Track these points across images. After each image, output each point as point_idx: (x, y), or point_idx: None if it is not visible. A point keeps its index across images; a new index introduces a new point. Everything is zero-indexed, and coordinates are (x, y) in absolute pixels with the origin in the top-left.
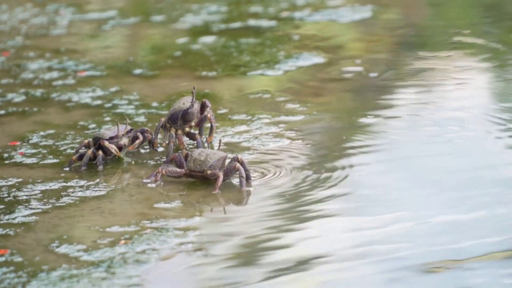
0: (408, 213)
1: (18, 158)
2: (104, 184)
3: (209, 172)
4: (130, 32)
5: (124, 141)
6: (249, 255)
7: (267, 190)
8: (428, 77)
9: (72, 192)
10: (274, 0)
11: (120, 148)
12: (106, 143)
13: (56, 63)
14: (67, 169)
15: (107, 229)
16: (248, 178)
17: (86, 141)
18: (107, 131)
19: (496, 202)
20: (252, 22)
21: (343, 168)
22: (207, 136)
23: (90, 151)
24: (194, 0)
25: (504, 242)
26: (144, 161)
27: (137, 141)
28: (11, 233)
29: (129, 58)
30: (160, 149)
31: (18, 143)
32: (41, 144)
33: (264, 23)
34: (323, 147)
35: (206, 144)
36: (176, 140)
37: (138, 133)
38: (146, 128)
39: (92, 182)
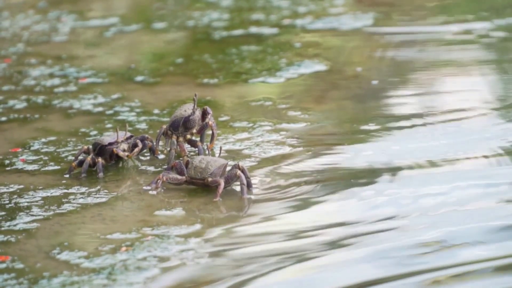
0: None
1: (19, 165)
2: (105, 191)
3: (210, 179)
4: (131, 39)
5: (124, 147)
6: (250, 262)
7: (268, 197)
8: (430, 83)
9: (73, 199)
10: (276, 7)
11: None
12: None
13: (57, 70)
14: (67, 176)
15: (108, 236)
16: (249, 185)
17: (85, 147)
18: (107, 137)
19: None
20: (253, 29)
21: (344, 175)
22: (208, 143)
23: (89, 158)
24: (196, 7)
25: None
26: (145, 168)
27: (136, 149)
28: (12, 239)
29: (130, 65)
30: (161, 156)
31: (20, 149)
32: (43, 151)
33: (266, 30)
34: (324, 155)
35: (207, 151)
36: (177, 147)
37: (138, 141)
38: (146, 135)
39: (93, 189)
